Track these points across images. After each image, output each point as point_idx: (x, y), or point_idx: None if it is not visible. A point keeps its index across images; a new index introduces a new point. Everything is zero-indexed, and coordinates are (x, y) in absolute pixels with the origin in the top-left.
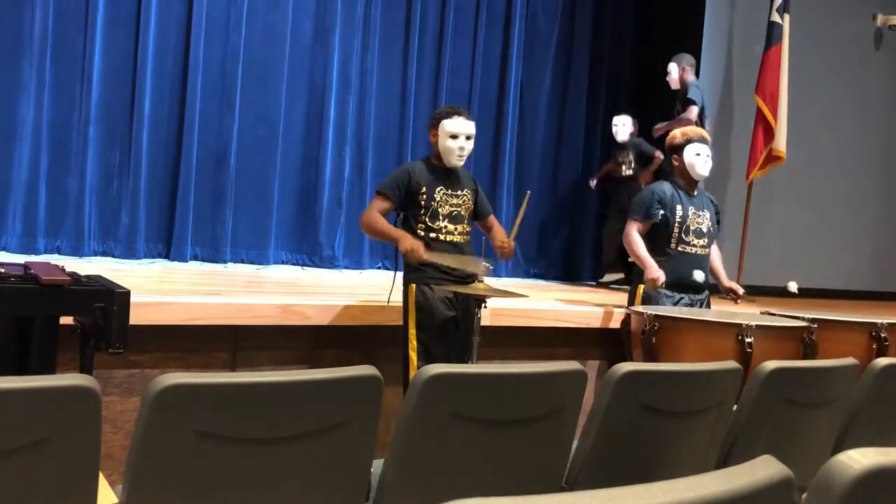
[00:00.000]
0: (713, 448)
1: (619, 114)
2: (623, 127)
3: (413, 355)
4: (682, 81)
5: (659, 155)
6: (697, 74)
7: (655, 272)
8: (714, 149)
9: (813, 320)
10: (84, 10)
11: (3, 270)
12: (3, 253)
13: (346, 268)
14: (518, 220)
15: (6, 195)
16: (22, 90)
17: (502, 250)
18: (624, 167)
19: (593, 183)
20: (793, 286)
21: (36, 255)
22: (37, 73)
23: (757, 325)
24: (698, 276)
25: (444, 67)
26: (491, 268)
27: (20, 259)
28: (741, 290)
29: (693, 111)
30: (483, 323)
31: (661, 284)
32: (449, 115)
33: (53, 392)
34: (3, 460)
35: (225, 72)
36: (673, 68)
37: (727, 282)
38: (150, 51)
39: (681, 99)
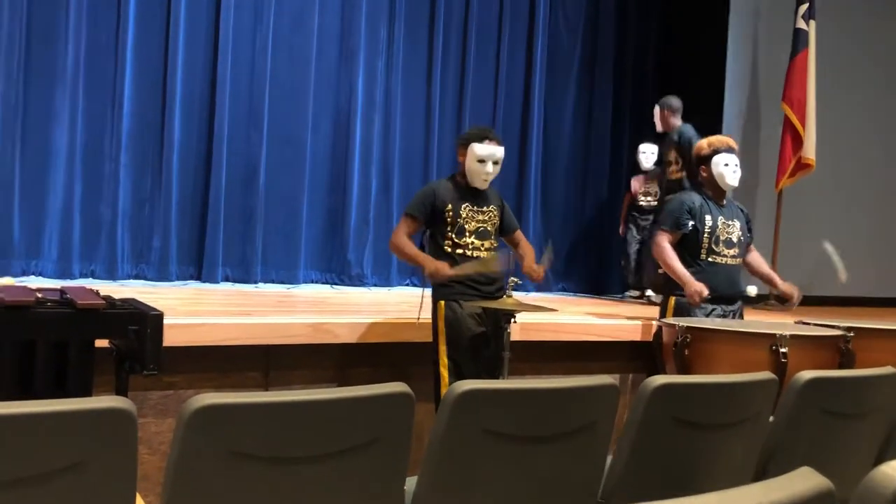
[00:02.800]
0: (750, 461)
1: (644, 141)
2: (651, 155)
3: (444, 372)
4: (668, 125)
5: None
6: (685, 117)
7: (696, 286)
8: (742, 158)
9: (849, 328)
10: (114, 40)
11: (40, 295)
12: (40, 278)
13: (375, 285)
14: (544, 263)
15: (42, 221)
16: (56, 119)
17: (531, 275)
18: (649, 198)
19: (622, 230)
20: (752, 290)
21: (71, 279)
22: (70, 103)
23: (791, 335)
24: (751, 291)
25: (468, 85)
26: (520, 283)
27: (56, 284)
28: (797, 294)
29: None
30: (513, 338)
31: (707, 297)
32: (480, 139)
33: (90, 414)
34: (42, 483)
35: (252, 95)
36: (656, 111)
37: (784, 285)
38: (178, 77)
39: (667, 143)
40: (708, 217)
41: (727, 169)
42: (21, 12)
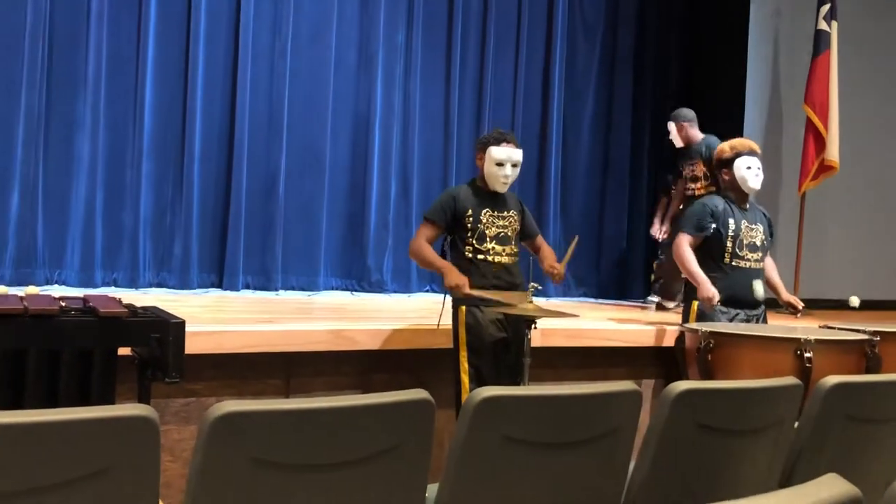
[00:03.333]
0: (774, 467)
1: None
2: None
3: (464, 378)
4: (688, 139)
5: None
6: (702, 127)
7: (709, 290)
8: (764, 161)
9: (875, 332)
10: (135, 49)
11: (63, 304)
12: (63, 286)
13: (395, 292)
14: (567, 257)
15: (64, 230)
16: (78, 128)
17: (552, 274)
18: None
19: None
20: (854, 300)
21: (93, 287)
22: (91, 112)
23: (816, 340)
24: (758, 289)
25: (486, 90)
26: (540, 287)
27: (78, 292)
28: (801, 305)
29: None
30: (533, 344)
31: (717, 303)
32: (497, 142)
33: (114, 422)
34: (67, 490)
35: (271, 103)
36: (671, 127)
37: (787, 295)
38: (198, 86)
39: (687, 157)
40: (731, 221)
41: (749, 172)
42: (44, 21)
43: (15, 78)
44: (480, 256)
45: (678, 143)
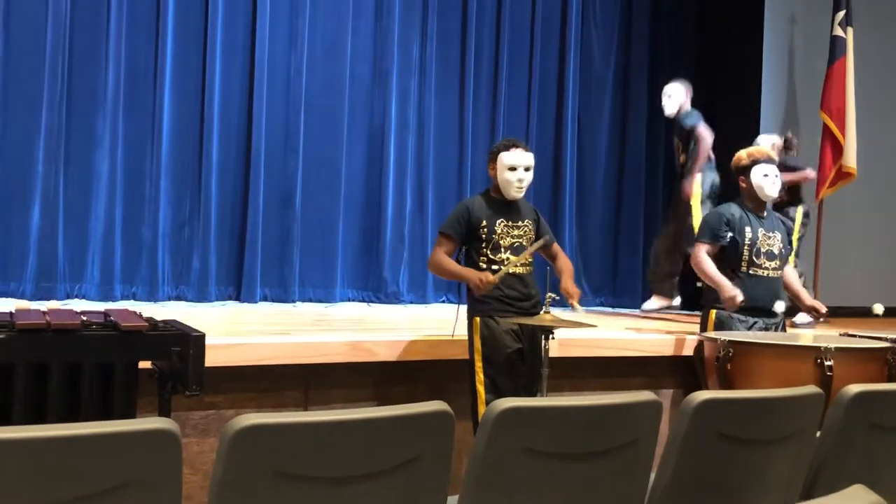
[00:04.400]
0: (797, 477)
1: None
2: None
3: (481, 389)
4: (681, 108)
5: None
6: (718, 136)
7: (731, 290)
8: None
9: None
10: (153, 66)
11: (85, 318)
12: (83, 300)
13: (411, 303)
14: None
15: (85, 245)
16: (97, 144)
17: (567, 297)
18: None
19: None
20: (878, 308)
21: (113, 301)
22: (110, 128)
23: (837, 348)
24: (779, 307)
25: (501, 103)
26: (557, 297)
27: (99, 306)
28: (824, 309)
29: (705, 139)
30: (550, 354)
31: (741, 303)
32: (507, 148)
33: (136, 436)
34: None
35: (288, 118)
36: (676, 90)
37: (810, 300)
38: (215, 102)
39: (678, 128)
40: (748, 229)
41: (766, 180)
42: (63, 40)
43: (35, 95)
44: (495, 267)
45: (671, 109)
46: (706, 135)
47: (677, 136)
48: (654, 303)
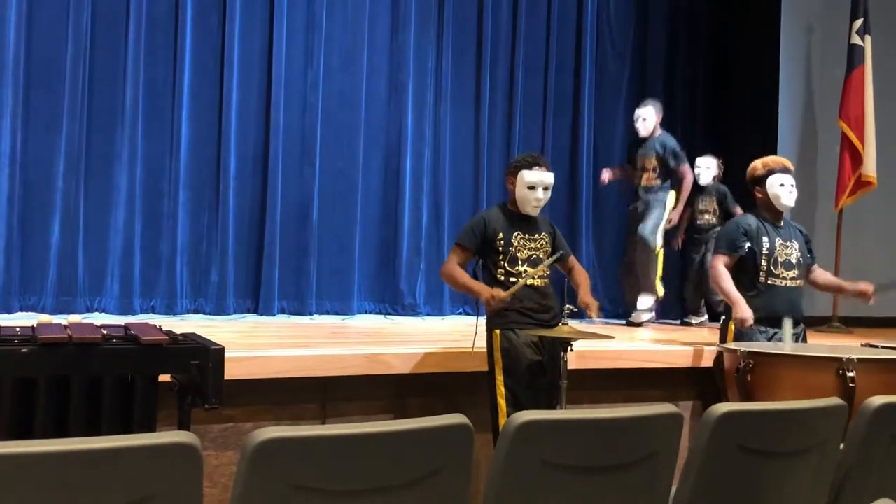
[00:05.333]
0: (820, 491)
1: (701, 154)
2: (707, 170)
3: (502, 402)
4: (652, 131)
5: (739, 211)
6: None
7: (743, 311)
8: (799, 177)
9: None
10: (171, 82)
11: (105, 332)
12: (103, 314)
13: (428, 315)
14: (542, 267)
15: (104, 259)
16: (116, 159)
17: (585, 309)
18: (707, 215)
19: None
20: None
21: (133, 315)
22: (129, 143)
23: (859, 359)
24: (786, 329)
25: (516, 114)
26: (575, 309)
27: (119, 319)
28: (871, 289)
29: (686, 171)
30: (569, 366)
31: (748, 326)
32: (529, 166)
33: (157, 449)
34: None
35: (304, 132)
36: (650, 112)
37: (853, 286)
38: (233, 117)
39: (645, 148)
40: (765, 239)
41: (783, 189)
42: (83, 57)
43: (56, 111)
44: (513, 279)
45: (647, 131)
46: (690, 175)
47: (650, 157)
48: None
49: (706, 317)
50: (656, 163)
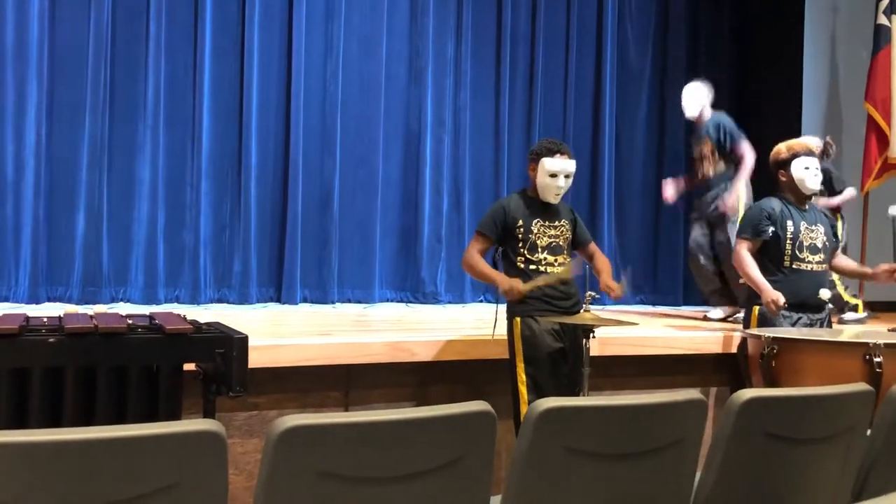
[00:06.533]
0: (846, 477)
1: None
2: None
3: (523, 389)
4: (701, 117)
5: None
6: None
7: (771, 294)
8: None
9: None
10: (192, 73)
11: (130, 322)
12: (128, 304)
13: (449, 302)
14: (564, 272)
15: (129, 250)
16: (138, 151)
17: (608, 293)
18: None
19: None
20: (825, 294)
21: (157, 304)
22: (151, 135)
23: (886, 344)
24: (824, 294)
25: (537, 100)
26: (597, 296)
27: (143, 309)
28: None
29: (749, 157)
30: (591, 353)
31: (784, 305)
32: (550, 153)
33: (183, 437)
34: None
35: (324, 120)
36: (701, 91)
37: (879, 268)
38: (253, 107)
39: (696, 136)
40: (790, 223)
41: (808, 172)
42: (105, 50)
43: (79, 105)
44: (532, 267)
45: (695, 111)
46: (750, 154)
47: (711, 141)
48: (719, 313)
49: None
50: (712, 146)
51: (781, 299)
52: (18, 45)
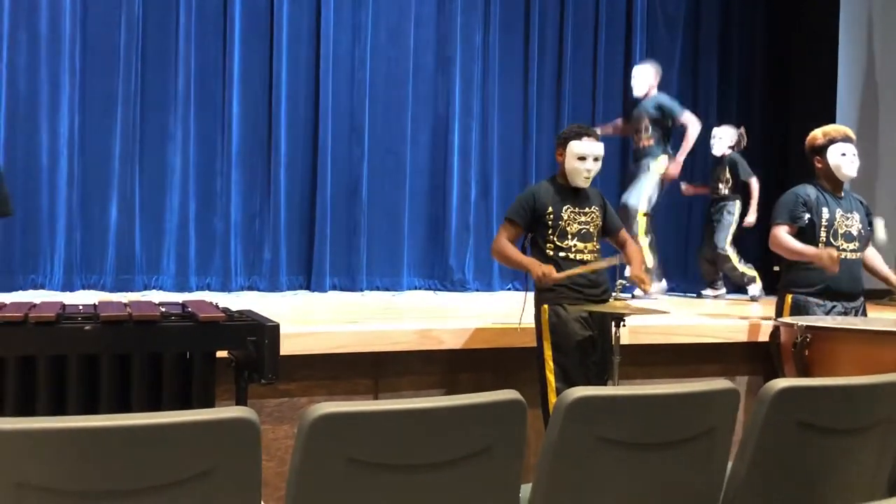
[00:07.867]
0: (882, 469)
1: (720, 124)
2: (720, 140)
3: (551, 377)
4: (648, 92)
5: (755, 183)
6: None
7: (820, 255)
8: (859, 148)
9: None
10: (222, 63)
11: (164, 310)
12: (160, 292)
13: (477, 290)
14: (600, 266)
15: (161, 238)
16: (169, 141)
17: (637, 284)
18: (721, 185)
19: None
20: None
21: (189, 292)
22: (182, 125)
23: None
24: (879, 232)
25: (565, 87)
26: (628, 284)
27: (176, 297)
28: None
29: (694, 126)
30: (622, 341)
31: (839, 258)
32: (577, 136)
33: (217, 424)
34: (175, 490)
35: (353, 109)
36: (649, 71)
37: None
38: (282, 96)
39: (640, 108)
40: (825, 210)
41: (844, 159)
42: (136, 41)
43: (111, 96)
44: (562, 254)
45: (642, 90)
46: (695, 123)
47: (643, 118)
48: (755, 289)
49: (724, 290)
50: (650, 123)
51: (835, 253)
52: (52, 38)
